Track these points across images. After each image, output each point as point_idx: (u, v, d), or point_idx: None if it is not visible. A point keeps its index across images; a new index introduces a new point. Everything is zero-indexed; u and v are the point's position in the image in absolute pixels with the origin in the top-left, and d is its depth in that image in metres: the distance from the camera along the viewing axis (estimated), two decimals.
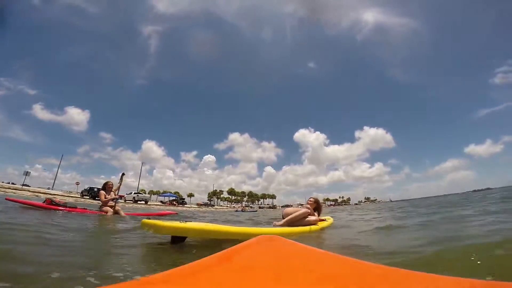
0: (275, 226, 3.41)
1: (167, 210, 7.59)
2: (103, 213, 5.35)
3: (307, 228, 3.33)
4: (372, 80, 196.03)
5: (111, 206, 5.60)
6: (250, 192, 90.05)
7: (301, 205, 4.18)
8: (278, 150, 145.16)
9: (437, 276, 0.56)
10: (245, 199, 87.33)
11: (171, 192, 57.26)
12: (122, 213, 5.62)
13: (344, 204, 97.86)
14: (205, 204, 54.86)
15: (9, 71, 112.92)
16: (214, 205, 60.01)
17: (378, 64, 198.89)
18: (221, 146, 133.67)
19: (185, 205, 42.75)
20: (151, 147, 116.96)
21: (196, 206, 47.17)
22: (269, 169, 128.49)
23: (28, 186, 32.86)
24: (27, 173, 27.08)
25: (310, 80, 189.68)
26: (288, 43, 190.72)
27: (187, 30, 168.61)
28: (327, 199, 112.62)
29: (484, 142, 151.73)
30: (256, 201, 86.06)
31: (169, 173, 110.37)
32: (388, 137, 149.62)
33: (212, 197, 79.45)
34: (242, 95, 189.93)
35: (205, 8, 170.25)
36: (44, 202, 5.34)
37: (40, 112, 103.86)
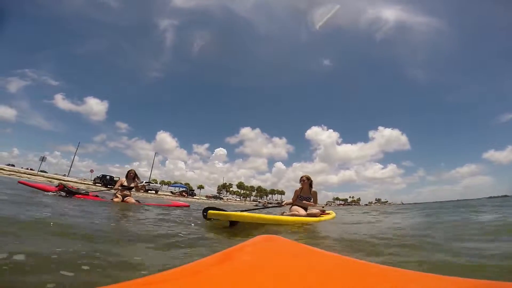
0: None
1: (181, 201, 7.52)
2: (115, 200, 5.38)
3: (317, 218, 3.96)
4: (389, 79, 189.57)
5: (125, 195, 5.63)
6: (259, 187, 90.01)
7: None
8: (289, 147, 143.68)
9: (437, 276, 0.56)
10: (253, 193, 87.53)
11: (181, 183, 57.97)
12: (132, 201, 5.59)
13: (354, 204, 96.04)
14: (214, 197, 55.37)
15: (33, 63, 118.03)
16: (222, 198, 60.38)
17: (397, 63, 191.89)
18: (232, 140, 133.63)
19: (194, 197, 43.19)
20: (164, 138, 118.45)
21: (205, 198, 47.51)
22: (279, 165, 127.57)
23: (45, 172, 33.95)
24: (43, 159, 27.82)
25: (324, 78, 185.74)
26: (303, 39, 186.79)
27: (202, 24, 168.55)
28: (337, 198, 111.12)
29: (505, 148, 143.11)
30: (265, 196, 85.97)
31: (181, 164, 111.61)
32: (403, 138, 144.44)
33: (221, 190, 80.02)
34: (255, 90, 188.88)
35: (221, 3, 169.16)
36: (56, 187, 5.38)
37: (61, 101, 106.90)
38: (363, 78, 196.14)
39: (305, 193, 4.26)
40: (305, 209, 4.16)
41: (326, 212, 4.97)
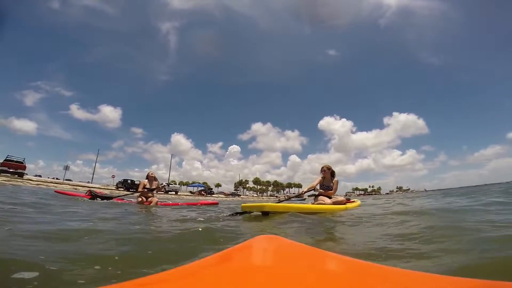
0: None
1: (209, 200, 7.86)
2: (140, 202, 5.59)
3: (344, 206, 4.20)
4: (399, 64, 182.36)
5: (148, 197, 5.81)
6: (275, 181, 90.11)
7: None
8: (303, 139, 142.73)
9: (437, 276, 0.56)
10: (270, 188, 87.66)
11: (199, 183, 59.05)
12: (155, 201, 5.79)
13: (374, 194, 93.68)
14: (232, 194, 55.96)
15: (44, 74, 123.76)
16: (240, 195, 60.96)
17: (405, 47, 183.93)
18: (244, 136, 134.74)
19: (213, 195, 43.89)
20: (179, 139, 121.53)
21: (223, 196, 48.21)
22: (293, 158, 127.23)
23: (70, 180, 35.81)
24: (66, 168, 29.39)
25: (332, 67, 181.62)
26: (305, 31, 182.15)
27: (203, 24, 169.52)
28: (356, 188, 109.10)
29: None
30: (282, 190, 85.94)
31: (197, 164, 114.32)
32: (421, 122, 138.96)
33: (238, 187, 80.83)
34: (262, 85, 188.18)
35: (218, 2, 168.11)
36: (86, 193, 5.84)
37: (76, 111, 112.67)
38: (372, 65, 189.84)
39: (327, 182, 4.41)
40: (329, 197, 4.31)
41: (351, 200, 5.06)
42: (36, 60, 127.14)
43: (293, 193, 75.56)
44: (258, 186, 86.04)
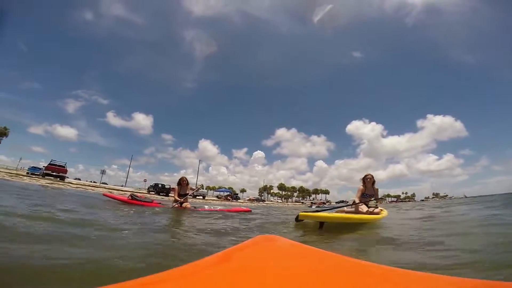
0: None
1: (241, 207, 7.61)
2: (177, 207, 5.76)
3: (381, 216, 4.24)
4: (430, 64, 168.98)
5: (182, 202, 5.90)
6: (301, 187, 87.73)
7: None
8: (329, 144, 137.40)
9: (437, 276, 0.56)
10: (295, 194, 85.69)
11: (225, 188, 59.52)
12: (189, 206, 5.95)
13: (408, 201, 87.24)
14: (257, 199, 55.57)
15: (83, 83, 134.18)
16: (265, 200, 60.21)
17: (436, 46, 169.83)
18: (268, 142, 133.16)
19: (238, 200, 43.78)
20: (206, 145, 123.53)
21: (248, 201, 47.83)
22: (320, 163, 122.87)
23: (106, 184, 37.78)
24: (103, 172, 31.06)
25: (358, 69, 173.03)
26: (328, 34, 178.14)
27: (225, 30, 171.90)
28: (388, 195, 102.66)
29: None
30: (308, 197, 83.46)
31: (223, 169, 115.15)
32: (458, 124, 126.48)
33: (262, 192, 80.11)
34: (286, 90, 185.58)
35: (239, 8, 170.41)
36: (128, 197, 6.02)
37: (113, 119, 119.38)
38: (401, 65, 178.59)
39: (369, 191, 4.53)
40: (367, 206, 4.42)
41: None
42: (75, 69, 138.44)
43: (319, 200, 72.93)
44: (283, 192, 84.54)
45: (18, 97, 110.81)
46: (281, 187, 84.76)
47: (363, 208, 4.28)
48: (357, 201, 4.40)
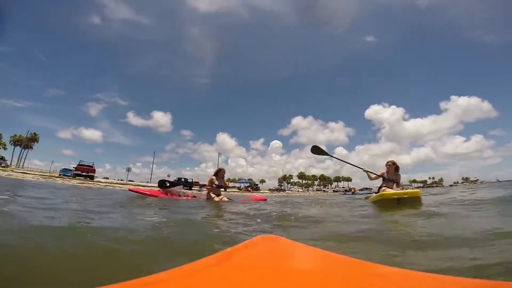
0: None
1: (259, 195, 8.08)
2: (213, 199, 5.46)
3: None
4: (449, 46, 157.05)
5: (218, 194, 5.64)
6: (322, 175, 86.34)
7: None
8: (348, 130, 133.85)
9: (437, 276, 0.56)
10: (316, 182, 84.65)
11: (245, 179, 60.16)
12: (226, 199, 5.66)
13: (436, 186, 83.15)
14: (277, 189, 55.66)
15: (102, 86, 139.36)
16: (285, 190, 60.07)
17: (453, 27, 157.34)
18: (285, 131, 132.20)
19: (259, 191, 43.96)
20: (224, 139, 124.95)
21: (268, 191, 47.89)
22: (339, 150, 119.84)
23: (132, 181, 39.39)
24: (128, 169, 32.40)
25: (373, 54, 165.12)
26: (338, 20, 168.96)
27: (232, 24, 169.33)
28: (414, 181, 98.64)
29: None
30: (329, 185, 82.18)
31: (242, 161, 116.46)
32: (486, 105, 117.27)
33: (282, 182, 80.00)
34: (299, 78, 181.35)
35: (242, 0, 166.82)
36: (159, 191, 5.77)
37: (133, 119, 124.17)
38: (417, 48, 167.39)
39: (391, 175, 4.82)
40: (391, 188, 4.74)
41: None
42: (93, 73, 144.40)
43: (341, 188, 71.41)
44: (303, 181, 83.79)
45: (44, 104, 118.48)
46: (301, 176, 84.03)
47: (391, 190, 4.57)
48: (378, 183, 5.02)
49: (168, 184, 5.86)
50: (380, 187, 4.91)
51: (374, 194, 4.95)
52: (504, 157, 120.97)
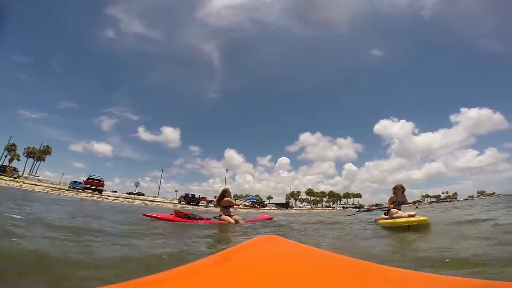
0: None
1: (264, 215, 7.91)
2: (223, 222, 5.03)
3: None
4: (457, 56, 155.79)
5: (229, 215, 5.24)
6: (331, 191, 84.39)
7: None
8: (357, 146, 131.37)
9: (437, 276, 0.57)
10: (325, 199, 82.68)
11: (252, 195, 59.50)
12: (241, 221, 5.27)
13: (450, 201, 79.65)
14: (282, 205, 54.54)
15: (114, 101, 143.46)
16: (293, 207, 58.78)
17: (460, 37, 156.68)
18: (292, 148, 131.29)
19: (266, 207, 43.11)
20: (231, 155, 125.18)
21: (275, 208, 46.94)
22: (349, 166, 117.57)
23: (142, 194, 39.43)
24: (137, 184, 32.58)
25: (379, 67, 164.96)
26: (343, 34, 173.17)
27: (239, 39, 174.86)
28: (426, 196, 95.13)
29: None
30: (338, 201, 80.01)
31: (249, 177, 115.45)
32: (498, 117, 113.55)
33: (289, 199, 78.49)
34: (306, 93, 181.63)
35: (249, 16, 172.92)
36: (173, 214, 5.25)
37: (143, 133, 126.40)
38: (425, 59, 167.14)
39: (400, 198, 5.14)
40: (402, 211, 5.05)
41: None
42: (106, 87, 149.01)
43: (351, 204, 69.35)
44: (312, 197, 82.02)
45: (58, 116, 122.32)
46: (309, 192, 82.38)
47: (401, 213, 4.83)
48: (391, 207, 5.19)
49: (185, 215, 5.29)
50: (389, 210, 5.19)
51: (383, 216, 5.24)
52: None
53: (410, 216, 4.61)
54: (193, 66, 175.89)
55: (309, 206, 75.06)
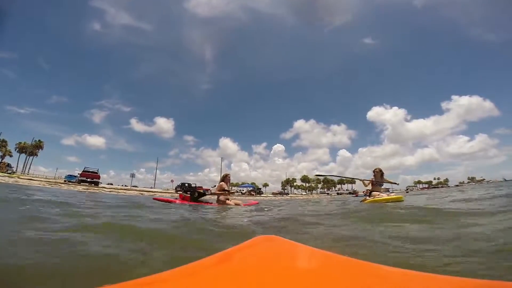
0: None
1: (253, 200, 8.33)
2: (223, 204, 5.55)
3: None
4: (448, 44, 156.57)
5: (227, 199, 5.76)
6: (325, 178, 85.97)
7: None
8: (351, 132, 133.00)
9: (437, 276, 0.56)
10: (319, 185, 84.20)
11: (248, 183, 60.15)
12: (233, 203, 5.73)
13: (441, 187, 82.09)
14: (280, 193, 55.54)
15: (105, 93, 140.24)
16: (288, 194, 59.86)
17: (452, 26, 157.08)
18: (287, 135, 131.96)
19: (262, 195, 43.88)
20: (226, 143, 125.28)
21: (271, 195, 47.79)
22: (343, 152, 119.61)
23: (136, 186, 39.63)
24: (132, 175, 32.66)
25: (371, 55, 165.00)
26: (337, 22, 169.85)
27: (232, 28, 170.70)
28: (419, 182, 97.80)
29: None
30: (333, 187, 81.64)
31: (245, 165, 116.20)
32: (488, 104, 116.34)
33: (285, 186, 79.70)
34: (300, 81, 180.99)
35: (241, 4, 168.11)
36: (177, 199, 5.96)
37: (136, 125, 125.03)
38: (417, 47, 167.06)
39: (378, 179, 5.97)
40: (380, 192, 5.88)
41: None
42: (96, 80, 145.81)
43: (345, 190, 70.91)
44: (307, 184, 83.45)
45: (48, 111, 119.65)
46: (304, 179, 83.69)
47: (382, 194, 5.54)
48: (370, 187, 6.08)
49: (196, 195, 6.00)
50: (371, 191, 5.92)
51: (368, 198, 5.88)
52: (510, 155, 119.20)
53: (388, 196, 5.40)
54: (184, 57, 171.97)
55: (304, 193, 76.48)
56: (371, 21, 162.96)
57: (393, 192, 6.56)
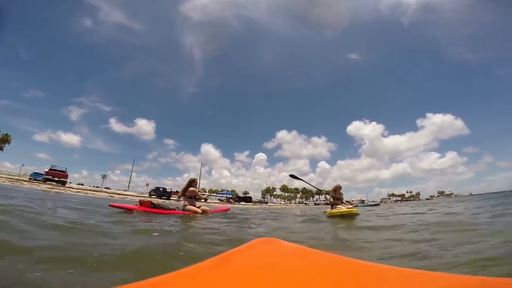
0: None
1: (224, 206, 8.36)
2: (189, 213, 5.22)
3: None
4: (429, 62, 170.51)
5: (197, 206, 5.49)
6: (304, 188, 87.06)
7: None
8: (330, 145, 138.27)
9: (434, 274, 0.56)
10: (298, 195, 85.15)
11: (228, 191, 59.46)
12: (200, 210, 5.48)
13: (413, 200, 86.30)
14: (259, 202, 55.37)
15: (86, 91, 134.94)
16: (267, 202, 59.88)
17: (434, 44, 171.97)
18: (269, 144, 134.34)
19: (241, 203, 43.54)
20: (208, 149, 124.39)
21: (251, 203, 47.56)
22: (322, 164, 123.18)
23: (109, 188, 37.79)
24: (104, 177, 31.24)
25: (356, 71, 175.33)
26: (325, 36, 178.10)
27: (224, 35, 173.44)
28: (392, 194, 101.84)
29: None
30: (311, 198, 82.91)
31: (226, 172, 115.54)
32: (459, 123, 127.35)
33: (265, 194, 79.71)
34: (285, 93, 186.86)
35: (236, 12, 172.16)
36: (137, 205, 5.06)
37: (115, 125, 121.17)
38: (400, 65, 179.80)
39: (338, 195, 6.86)
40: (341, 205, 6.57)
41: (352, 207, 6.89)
42: (78, 77, 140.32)
43: (322, 201, 72.11)
44: (286, 194, 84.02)
45: (22, 105, 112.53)
46: (284, 188, 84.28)
47: (341, 207, 6.16)
48: (331, 201, 6.89)
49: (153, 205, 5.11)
50: (333, 204, 6.71)
51: (329, 210, 6.48)
52: (476, 172, 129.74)
53: (348, 208, 6.00)
54: (173, 59, 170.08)
55: (283, 202, 76.87)
56: (359, 36, 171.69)
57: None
